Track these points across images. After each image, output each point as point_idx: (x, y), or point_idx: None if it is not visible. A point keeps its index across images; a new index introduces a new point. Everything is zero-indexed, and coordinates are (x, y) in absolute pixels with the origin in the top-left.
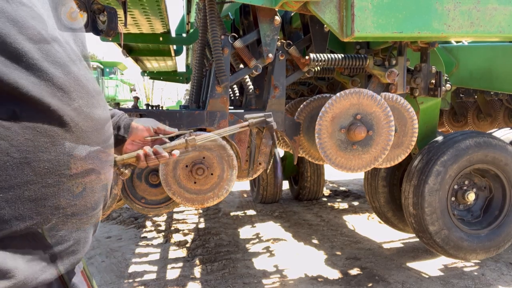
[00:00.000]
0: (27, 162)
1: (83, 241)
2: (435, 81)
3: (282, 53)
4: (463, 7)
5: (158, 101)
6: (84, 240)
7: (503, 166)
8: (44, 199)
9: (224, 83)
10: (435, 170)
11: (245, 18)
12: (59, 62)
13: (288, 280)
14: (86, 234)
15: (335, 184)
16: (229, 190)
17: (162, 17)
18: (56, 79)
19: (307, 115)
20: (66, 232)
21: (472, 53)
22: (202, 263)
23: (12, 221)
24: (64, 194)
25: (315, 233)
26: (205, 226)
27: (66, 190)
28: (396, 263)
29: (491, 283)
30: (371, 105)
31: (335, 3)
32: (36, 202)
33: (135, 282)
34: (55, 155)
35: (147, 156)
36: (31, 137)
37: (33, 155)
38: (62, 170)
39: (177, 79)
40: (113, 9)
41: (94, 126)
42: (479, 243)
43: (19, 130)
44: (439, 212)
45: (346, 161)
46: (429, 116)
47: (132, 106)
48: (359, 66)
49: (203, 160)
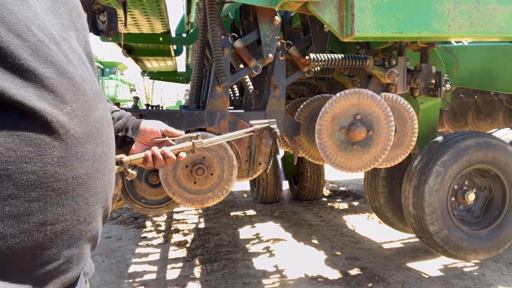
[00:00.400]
0: (8, 175)
1: (76, 258)
2: (435, 81)
3: (282, 53)
4: (463, 7)
5: (158, 101)
6: (77, 257)
7: (503, 166)
8: (28, 214)
9: (224, 83)
10: (435, 170)
11: (245, 18)
12: (52, 62)
13: (288, 280)
14: (80, 250)
15: (335, 184)
16: (229, 190)
17: (162, 17)
18: (46, 81)
19: (307, 115)
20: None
21: (472, 53)
22: (202, 263)
23: None
24: (52, 209)
25: (315, 233)
26: (205, 226)
27: (54, 204)
28: (396, 263)
29: (491, 283)
30: (371, 105)
31: (335, 3)
32: (19, 218)
33: (135, 282)
34: (40, 166)
35: (154, 158)
36: (13, 146)
37: (15, 166)
38: (50, 183)
39: (177, 79)
40: (113, 9)
41: (90, 131)
42: (479, 243)
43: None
44: (439, 212)
45: (346, 161)
46: (429, 116)
47: (132, 106)
48: (359, 66)
49: (203, 160)
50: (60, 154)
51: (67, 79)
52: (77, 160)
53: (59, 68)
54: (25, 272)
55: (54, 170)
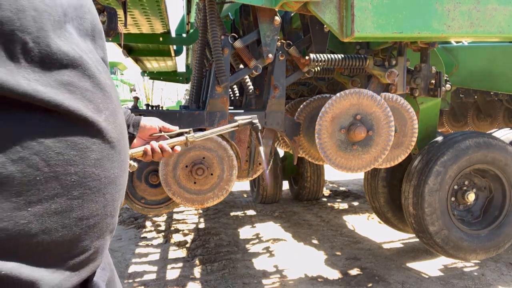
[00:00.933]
0: (56, 176)
1: (101, 248)
2: (435, 81)
3: (282, 53)
4: (463, 7)
5: (158, 101)
6: (102, 248)
7: (503, 166)
8: (69, 211)
9: (224, 83)
10: (435, 170)
11: (245, 18)
12: (88, 75)
13: (288, 280)
14: (105, 241)
15: (335, 184)
16: (229, 190)
17: (162, 17)
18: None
19: (307, 115)
20: (88, 242)
21: (472, 54)
22: (202, 263)
23: (39, 234)
24: (88, 205)
25: (315, 233)
26: (205, 226)
27: (90, 201)
28: (396, 263)
29: (491, 283)
30: (371, 105)
31: (335, 4)
32: (62, 214)
33: (135, 282)
34: (81, 168)
35: (153, 151)
36: (62, 151)
37: (62, 168)
38: (87, 182)
39: (177, 79)
40: (113, 9)
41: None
42: (479, 243)
43: (51, 144)
44: (439, 213)
45: (346, 161)
46: (429, 116)
47: (132, 106)
48: (359, 67)
49: (203, 160)
50: (97, 157)
51: (100, 89)
52: (109, 162)
53: (94, 79)
54: (64, 261)
55: (91, 171)
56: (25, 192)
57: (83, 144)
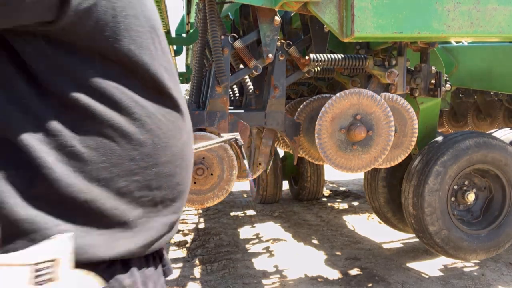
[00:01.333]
0: (169, 146)
1: (181, 208)
2: (435, 81)
3: (282, 53)
4: (463, 7)
5: None
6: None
7: (503, 166)
8: (173, 175)
9: (224, 83)
10: (435, 171)
11: (245, 18)
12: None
13: (288, 280)
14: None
15: (335, 184)
16: (229, 190)
17: (162, 17)
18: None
19: (307, 115)
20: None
21: (472, 54)
22: (202, 263)
23: (154, 190)
24: (182, 173)
25: (315, 233)
26: (205, 226)
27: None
28: (396, 263)
29: (491, 283)
30: (371, 105)
31: (335, 4)
32: (169, 177)
33: None
34: (180, 143)
35: None
36: (171, 127)
37: (172, 140)
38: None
39: None
40: None
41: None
42: (479, 243)
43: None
44: (439, 213)
45: (346, 161)
46: (429, 116)
47: None
48: (359, 67)
49: (203, 161)
50: (184, 137)
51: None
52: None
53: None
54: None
55: (183, 147)
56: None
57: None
